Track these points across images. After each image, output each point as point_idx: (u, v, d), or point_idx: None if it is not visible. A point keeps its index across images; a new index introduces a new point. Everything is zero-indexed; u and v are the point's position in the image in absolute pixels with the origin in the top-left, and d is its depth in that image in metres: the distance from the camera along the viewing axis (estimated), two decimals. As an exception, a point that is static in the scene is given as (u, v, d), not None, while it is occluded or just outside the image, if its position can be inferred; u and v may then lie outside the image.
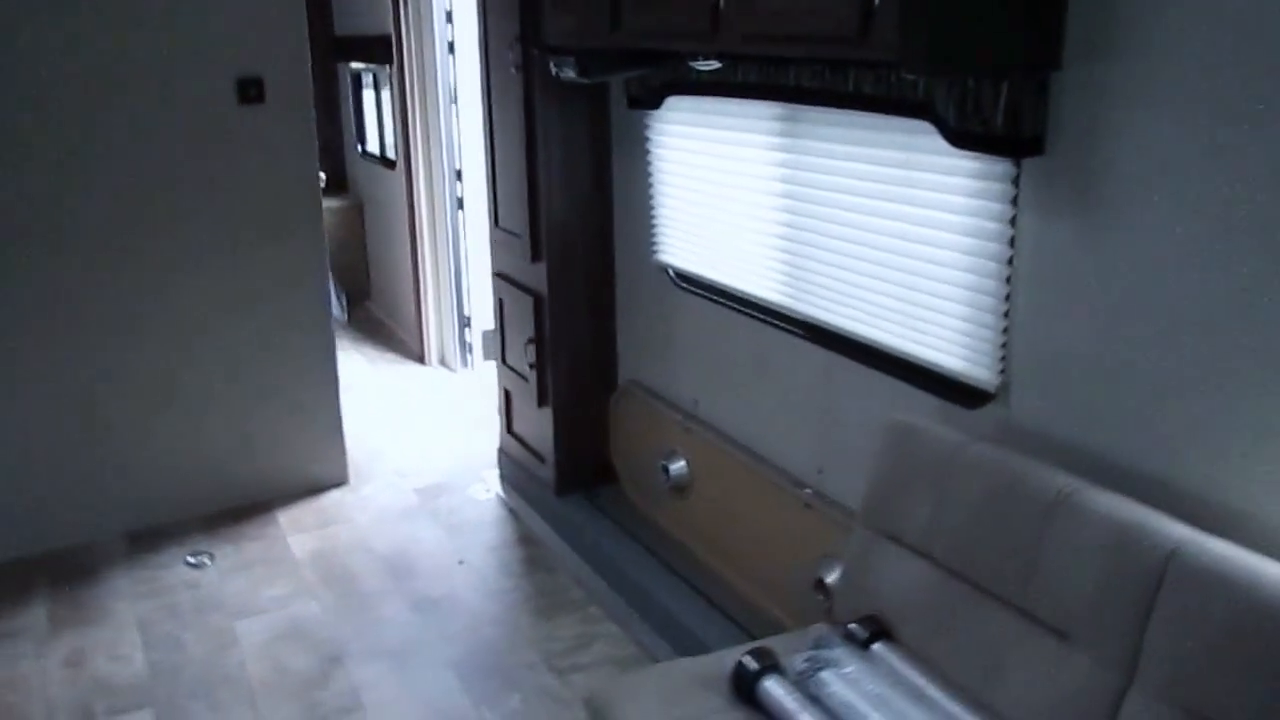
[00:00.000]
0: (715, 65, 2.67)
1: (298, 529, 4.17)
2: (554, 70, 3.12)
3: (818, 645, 2.08)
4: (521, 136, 3.56)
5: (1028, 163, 2.02)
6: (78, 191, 3.79)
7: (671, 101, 3.12)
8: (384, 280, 6.81)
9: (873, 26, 1.82)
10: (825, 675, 1.98)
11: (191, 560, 3.96)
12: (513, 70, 3.52)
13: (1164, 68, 1.75)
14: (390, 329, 6.69)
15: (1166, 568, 1.65)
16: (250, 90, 3.97)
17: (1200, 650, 1.59)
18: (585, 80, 3.05)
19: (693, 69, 2.82)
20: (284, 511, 4.32)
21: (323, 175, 4.49)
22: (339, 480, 4.53)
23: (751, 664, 2.03)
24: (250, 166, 4.04)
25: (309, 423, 4.41)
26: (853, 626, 2.11)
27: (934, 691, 1.93)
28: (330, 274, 4.39)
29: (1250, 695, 1.52)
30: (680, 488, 3.40)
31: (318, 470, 4.48)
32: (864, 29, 1.83)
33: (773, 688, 1.99)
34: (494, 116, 3.83)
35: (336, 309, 6.54)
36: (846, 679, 1.97)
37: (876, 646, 2.07)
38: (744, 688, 2.03)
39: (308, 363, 4.34)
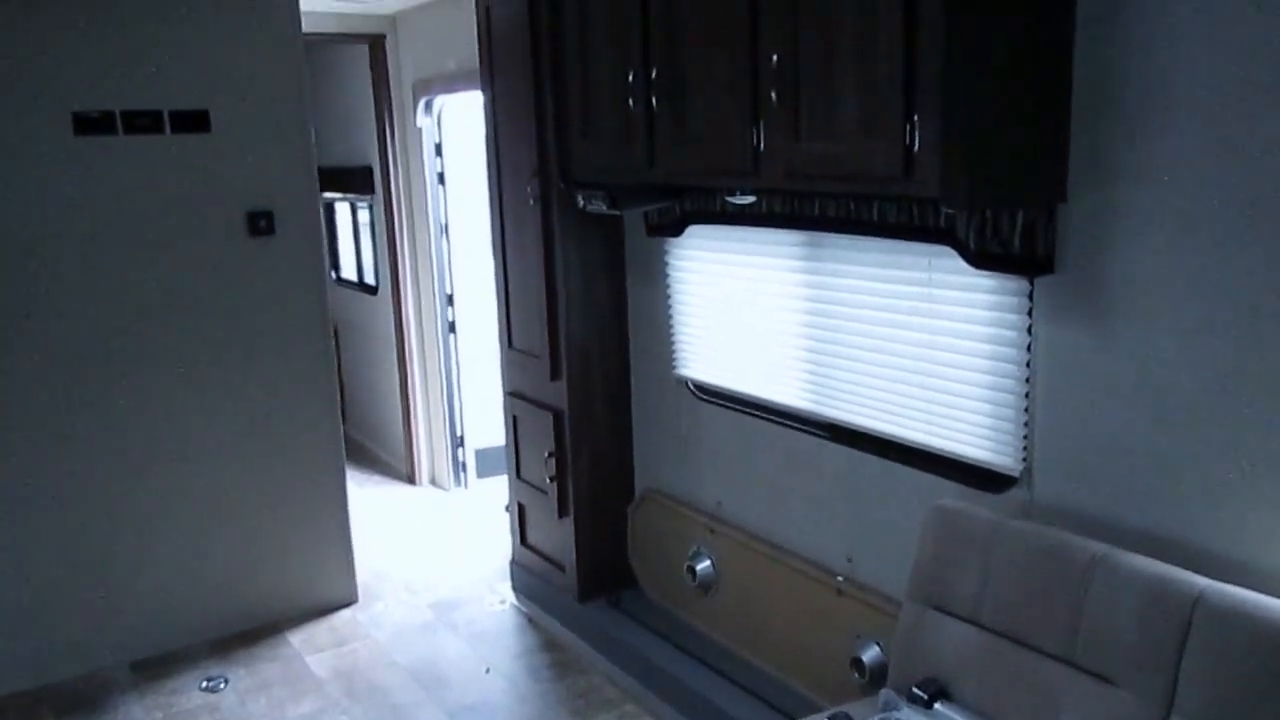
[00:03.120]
0: (751, 200, 3.08)
1: (313, 648, 4.37)
2: (582, 203, 3.52)
3: (886, 708, 2.39)
4: (541, 263, 3.94)
5: (1041, 279, 2.44)
6: (88, 321, 4.05)
7: (693, 229, 3.52)
8: (363, 403, 7.06)
9: (914, 167, 2.24)
10: (897, 733, 2.30)
11: (207, 684, 4.12)
12: (531, 204, 3.91)
13: (1155, 195, 2.19)
14: (371, 451, 6.92)
15: (1194, 612, 2.02)
16: (260, 223, 4.31)
17: (1228, 679, 1.95)
18: (615, 213, 3.44)
19: (719, 199, 3.24)
20: (295, 632, 4.51)
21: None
22: (348, 599, 4.74)
23: (831, 728, 2.34)
24: (260, 295, 4.36)
25: (317, 543, 4.64)
26: (915, 689, 2.43)
27: (996, 739, 2.26)
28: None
29: (1273, 715, 1.88)
30: (707, 586, 3.70)
31: (327, 590, 4.70)
32: (907, 170, 2.25)
33: (854, 746, 2.30)
34: (506, 244, 4.21)
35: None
36: (916, 735, 2.29)
37: (938, 705, 2.39)
38: (826, 749, 2.33)
39: (316, 484, 4.59)
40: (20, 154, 3.85)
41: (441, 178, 5.75)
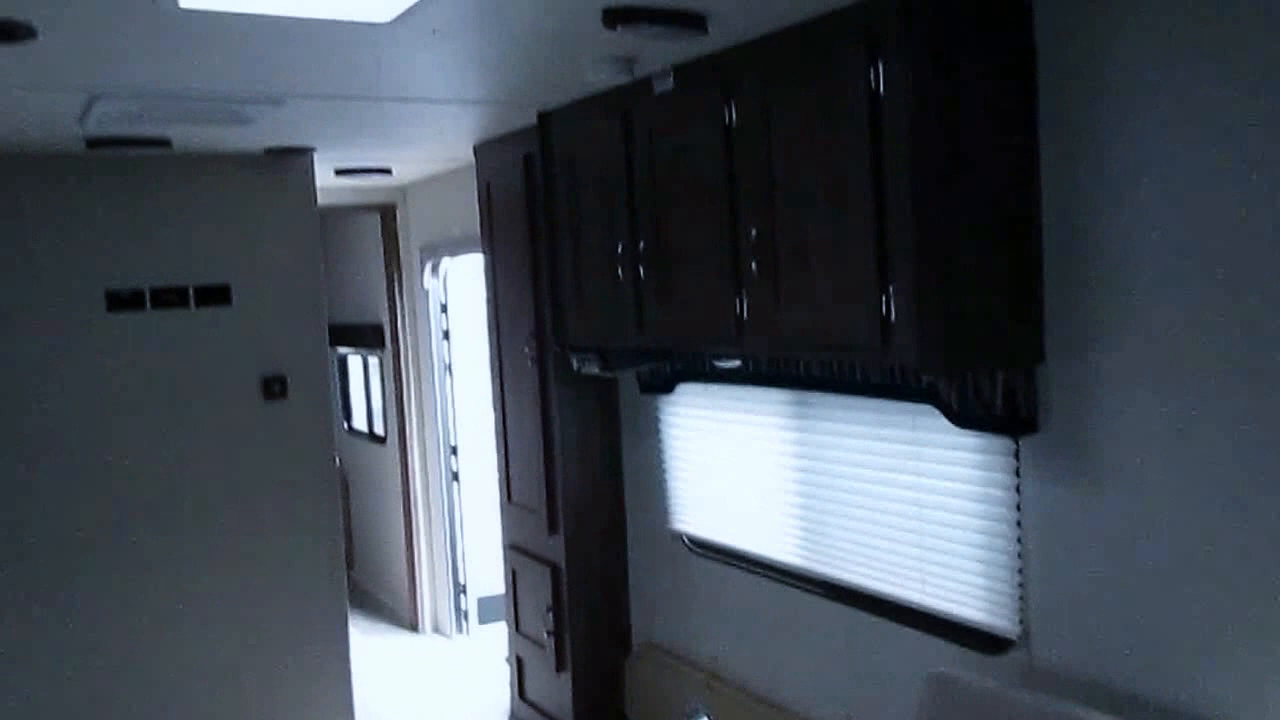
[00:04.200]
0: (736, 364, 3.04)
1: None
2: (576, 365, 3.48)
3: None
4: (538, 421, 3.88)
5: (1025, 439, 2.36)
6: (103, 486, 3.99)
7: (684, 387, 3.47)
8: (370, 550, 6.92)
9: (891, 337, 2.18)
10: None
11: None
12: (529, 364, 3.88)
13: (1131, 355, 2.13)
14: (376, 598, 6.73)
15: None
16: (275, 387, 4.27)
17: None
18: (607, 375, 3.40)
19: (708, 361, 3.19)
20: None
21: (338, 458, 4.73)
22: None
23: None
24: (272, 456, 4.28)
25: (320, 697, 4.43)
26: None
27: None
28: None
29: None
30: (706, 744, 3.52)
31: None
32: (884, 339, 2.20)
33: None
34: (505, 402, 4.15)
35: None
36: None
37: None
38: None
39: (318, 641, 4.42)
40: (56, 328, 3.89)
41: (446, 334, 5.74)
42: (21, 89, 2.73)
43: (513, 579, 4.25)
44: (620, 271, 3.05)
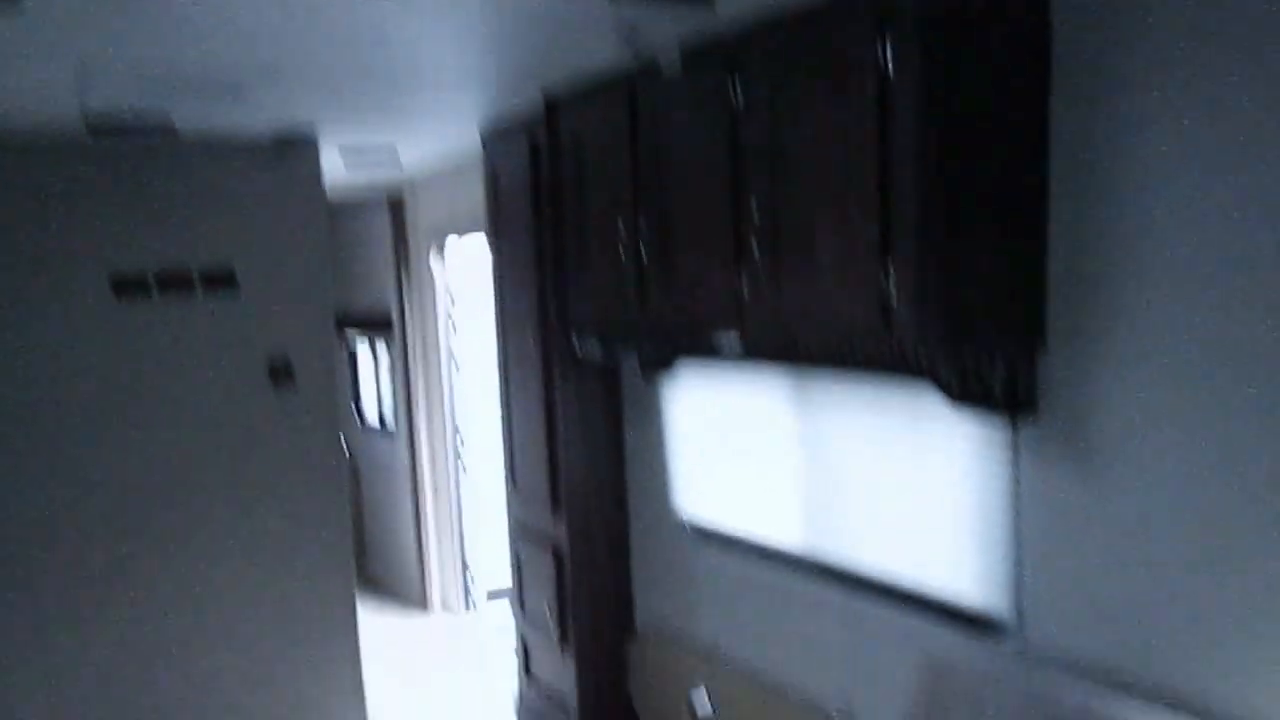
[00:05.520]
0: (738, 344, 3.02)
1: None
2: (579, 350, 3.47)
3: None
4: (541, 407, 3.88)
5: (1024, 421, 2.34)
6: (115, 474, 4.02)
7: (684, 367, 3.46)
8: (380, 538, 6.95)
9: (892, 318, 2.17)
10: None
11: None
12: (533, 350, 3.88)
13: (1134, 340, 2.11)
14: (388, 582, 6.77)
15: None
16: (282, 373, 4.27)
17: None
18: (610, 362, 3.40)
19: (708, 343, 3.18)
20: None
21: (346, 447, 4.74)
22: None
23: None
24: (279, 441, 4.29)
25: (329, 680, 4.48)
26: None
27: None
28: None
29: None
30: (706, 725, 3.52)
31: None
32: (884, 317, 2.18)
33: None
34: (510, 388, 4.15)
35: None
36: None
37: None
38: None
39: (327, 629, 4.45)
40: (59, 315, 3.90)
41: (454, 322, 5.75)
42: (11, 59, 2.69)
43: (517, 562, 4.25)
44: (623, 253, 3.05)
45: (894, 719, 2.49)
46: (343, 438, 4.53)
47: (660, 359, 3.55)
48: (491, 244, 4.18)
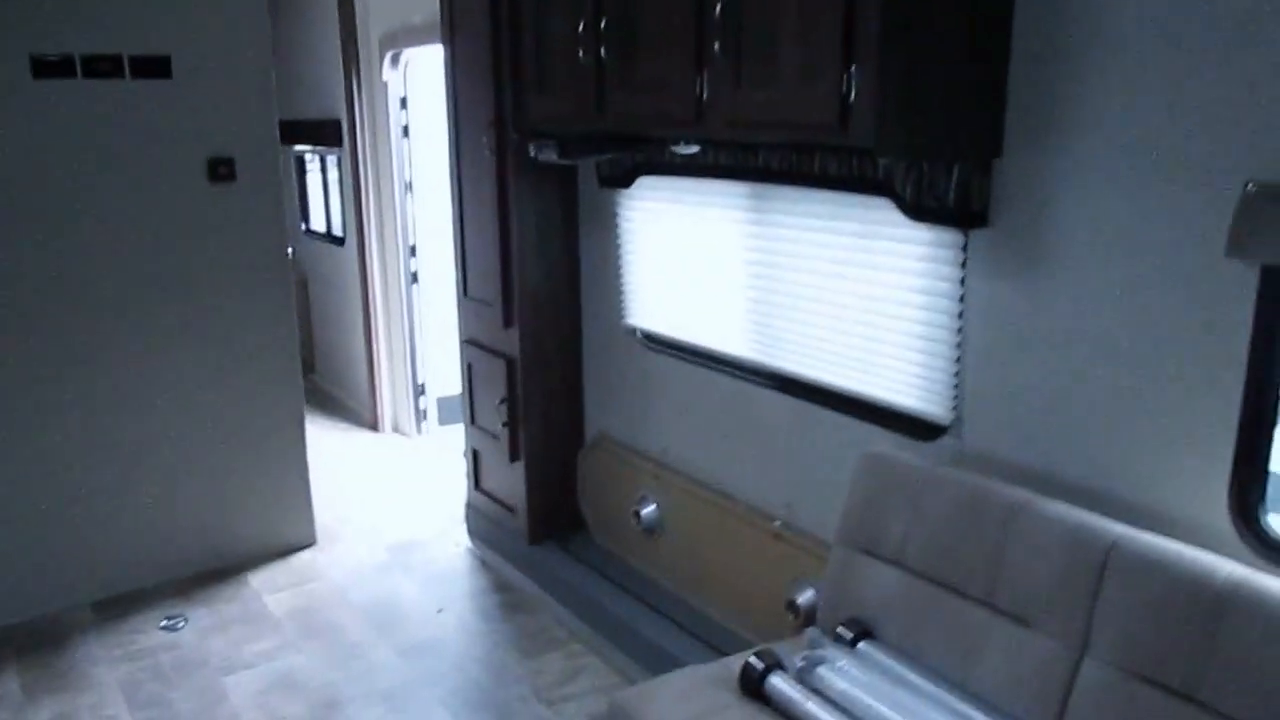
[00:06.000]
0: (695, 149, 2.99)
1: (272, 588, 4.28)
2: (533, 153, 3.41)
3: (812, 646, 2.35)
4: (495, 214, 3.84)
5: (975, 232, 2.38)
6: (50, 268, 3.91)
7: (643, 180, 3.43)
8: (330, 352, 6.95)
9: (850, 118, 2.15)
10: (821, 671, 2.25)
11: (167, 623, 4.03)
12: (487, 153, 3.81)
13: (1086, 153, 2.13)
14: (338, 399, 6.81)
15: (1108, 558, 1.98)
16: (221, 169, 4.16)
17: (1139, 623, 1.91)
18: (565, 162, 3.35)
19: (667, 150, 3.15)
20: (255, 574, 4.41)
21: (291, 249, 4.68)
22: (308, 541, 4.66)
23: (758, 664, 2.29)
24: (221, 242, 4.22)
25: (277, 486, 4.55)
26: (840, 629, 2.39)
27: (916, 678, 2.22)
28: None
29: (1181, 655, 1.84)
30: (651, 530, 3.65)
31: (287, 532, 4.61)
32: (842, 120, 2.16)
33: (778, 683, 2.25)
34: (464, 195, 4.09)
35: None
36: (840, 672, 2.24)
37: (862, 645, 2.35)
38: (751, 685, 2.29)
39: (275, 428, 4.48)
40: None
41: (406, 131, 5.61)
42: None
43: (469, 373, 4.29)
44: (582, 52, 2.96)
45: (835, 517, 2.60)
46: (289, 241, 4.46)
47: (619, 174, 3.51)
48: (446, 46, 4.03)
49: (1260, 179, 1.80)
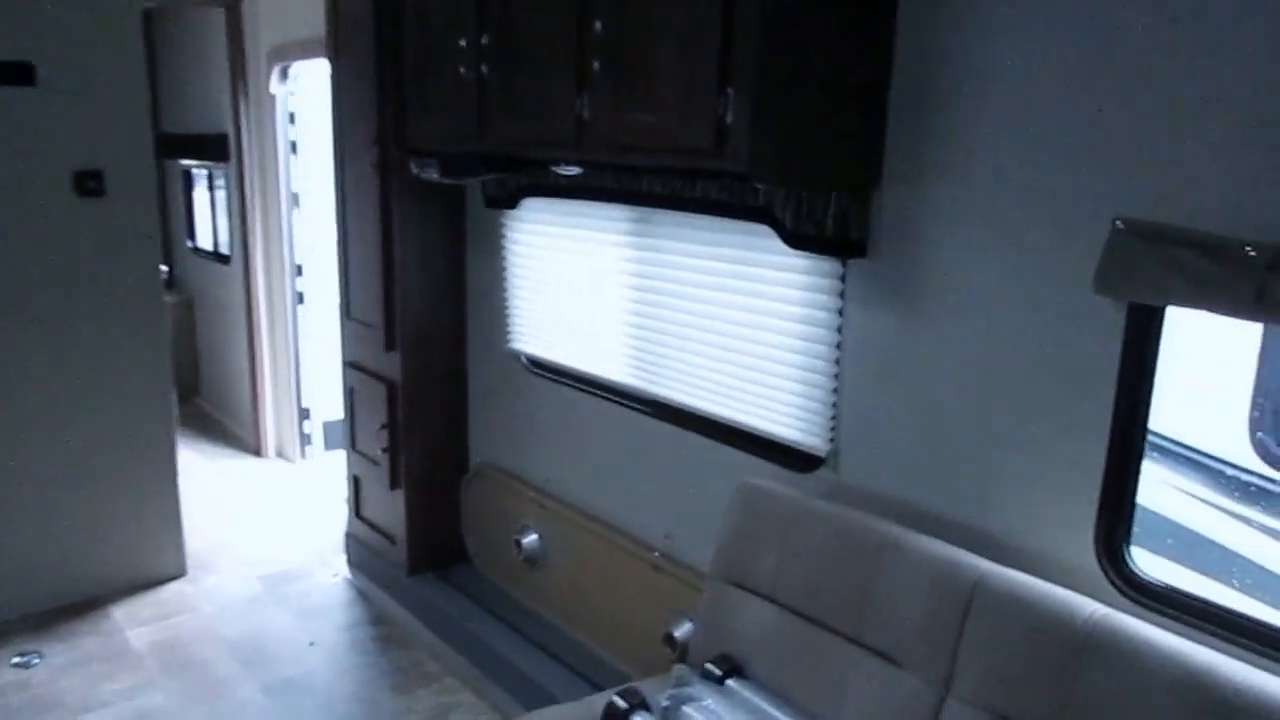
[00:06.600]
0: (577, 171, 2.94)
1: (136, 622, 4.06)
2: (415, 171, 3.32)
3: (679, 684, 2.28)
4: (378, 233, 3.73)
5: (853, 263, 2.36)
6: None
7: (528, 202, 3.37)
8: (216, 374, 6.71)
9: (726, 142, 2.12)
10: (687, 710, 2.19)
11: (19, 660, 3.79)
12: (370, 169, 3.70)
13: (958, 190, 2.13)
14: (222, 423, 6.57)
15: (973, 596, 1.96)
16: (89, 183, 3.97)
17: (1002, 663, 1.89)
18: (446, 181, 3.26)
19: (551, 173, 3.09)
20: (119, 606, 4.19)
21: (165, 268, 4.49)
22: (177, 572, 4.44)
23: (621, 703, 2.22)
24: (90, 260, 4.01)
25: (144, 514, 4.33)
26: (709, 666, 2.33)
27: (783, 716, 2.17)
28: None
29: (1043, 696, 1.82)
30: (533, 560, 3.56)
31: (154, 562, 4.38)
32: (718, 143, 2.13)
33: (642, 723, 2.18)
34: (348, 213, 3.98)
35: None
36: (706, 711, 2.18)
37: (731, 682, 2.29)
38: (616, 725, 2.21)
39: (144, 455, 4.27)
40: None
41: (294, 147, 5.45)
42: None
43: (351, 397, 4.16)
44: (463, 69, 2.89)
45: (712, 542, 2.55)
46: (172, 260, 4.26)
47: (505, 195, 3.44)
48: (332, 61, 3.92)
49: (1128, 216, 1.81)
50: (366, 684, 3.61)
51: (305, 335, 5.66)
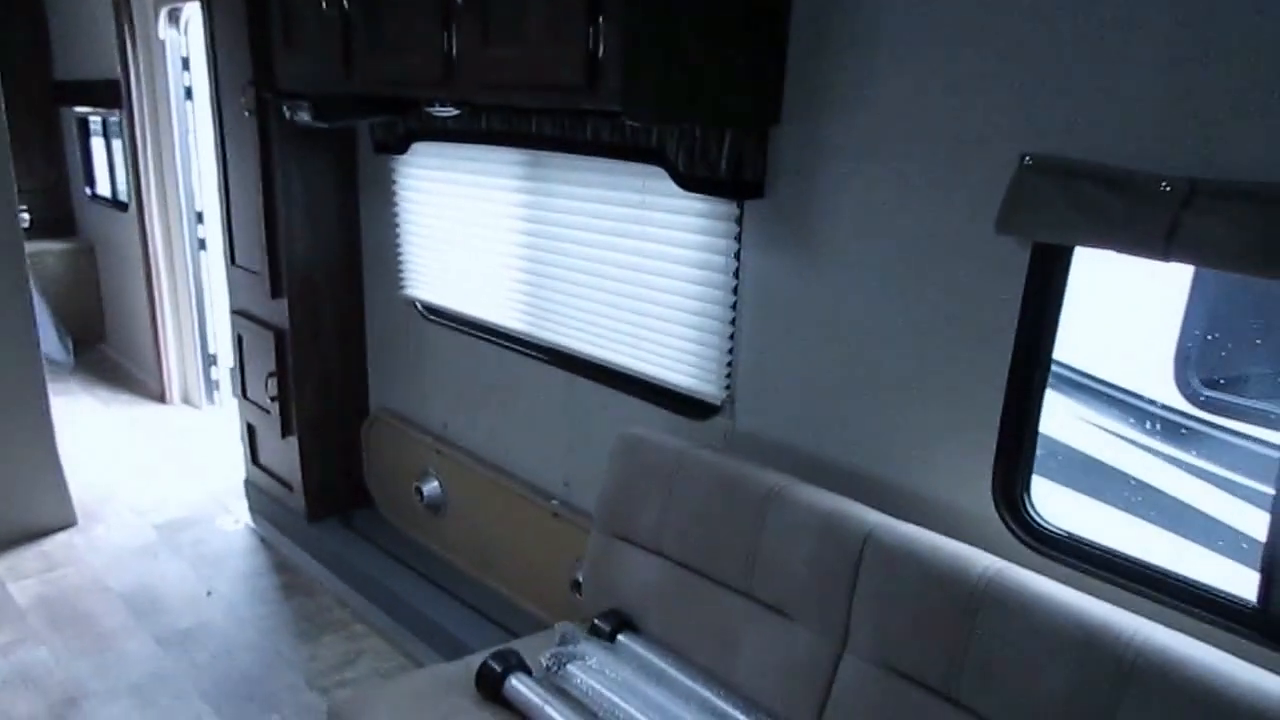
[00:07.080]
0: (454, 112, 2.60)
1: (18, 575, 3.66)
2: (288, 114, 2.94)
3: (563, 642, 2.04)
4: (257, 178, 3.32)
5: (749, 204, 2.10)
6: None
7: (418, 147, 3.02)
8: (120, 322, 6.19)
9: (599, 78, 1.83)
10: (571, 668, 1.96)
11: (-111, 620, 3.38)
12: (245, 114, 3.29)
13: (858, 127, 1.88)
14: (127, 370, 6.07)
15: (864, 549, 1.75)
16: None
17: (897, 619, 1.69)
18: (322, 125, 2.89)
19: (427, 114, 2.74)
20: (0, 559, 3.77)
21: (26, 215, 3.99)
22: (65, 522, 4.02)
23: (496, 665, 1.96)
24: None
25: (21, 464, 3.88)
26: (597, 622, 2.09)
27: (674, 672, 1.95)
28: (51, 316, 3.88)
29: (939, 652, 1.62)
30: (435, 507, 3.27)
31: (38, 514, 3.95)
32: (591, 80, 1.84)
33: (518, 684, 1.94)
34: (228, 158, 3.56)
35: (60, 352, 5.87)
36: (591, 669, 1.95)
37: (621, 637, 2.06)
38: (490, 688, 1.95)
39: (13, 404, 3.81)
40: None
41: (190, 93, 4.94)
42: None
43: (240, 345, 3.77)
44: (325, 5, 2.51)
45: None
46: (22, 208, 3.77)
47: (394, 140, 3.08)
48: (203, 2, 3.46)
49: (1035, 151, 1.57)
50: (269, 633, 3.29)
51: (211, 283, 5.20)
